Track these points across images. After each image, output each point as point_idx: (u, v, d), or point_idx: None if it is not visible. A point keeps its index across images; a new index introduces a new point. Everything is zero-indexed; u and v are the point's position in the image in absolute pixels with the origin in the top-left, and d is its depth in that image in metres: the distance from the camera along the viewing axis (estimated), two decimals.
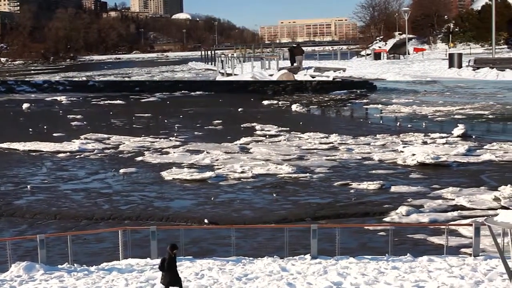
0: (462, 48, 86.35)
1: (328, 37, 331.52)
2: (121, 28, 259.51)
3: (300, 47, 59.02)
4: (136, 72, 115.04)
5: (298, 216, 24.58)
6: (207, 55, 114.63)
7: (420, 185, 29.23)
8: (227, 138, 45.14)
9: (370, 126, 52.76)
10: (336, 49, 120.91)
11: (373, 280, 15.82)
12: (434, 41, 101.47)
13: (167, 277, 14.59)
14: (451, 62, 47.84)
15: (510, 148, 38.46)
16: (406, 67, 56.06)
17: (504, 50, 78.70)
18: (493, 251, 17.33)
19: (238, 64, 65.98)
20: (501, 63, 44.01)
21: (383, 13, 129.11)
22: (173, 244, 14.85)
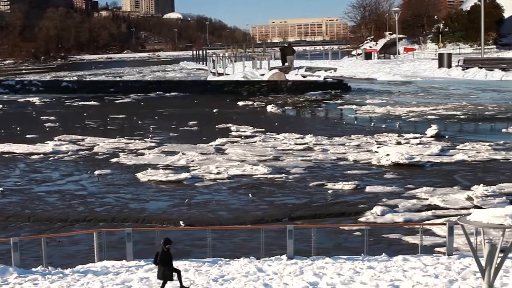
0: (451, 48, 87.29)
1: (319, 37, 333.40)
2: (112, 27, 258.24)
3: (291, 47, 59.44)
4: (127, 71, 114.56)
5: (274, 217, 24.65)
6: (199, 55, 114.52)
7: (395, 185, 29.48)
8: (203, 139, 45.02)
9: (345, 127, 53.01)
10: (327, 49, 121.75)
11: (349, 280, 15.94)
12: (424, 41, 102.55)
13: (161, 271, 14.99)
14: (440, 62, 48.36)
15: (482, 148, 38.93)
16: (396, 66, 56.60)
17: (492, 50, 79.71)
18: (467, 250, 17.58)
19: (230, 64, 66.03)
20: (490, 63, 44.64)
21: (374, 13, 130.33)
22: (166, 239, 15.16)
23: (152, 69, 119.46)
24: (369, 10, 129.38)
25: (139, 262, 18.01)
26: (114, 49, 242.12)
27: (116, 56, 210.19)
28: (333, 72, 51.89)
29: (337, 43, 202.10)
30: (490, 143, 40.51)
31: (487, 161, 35.05)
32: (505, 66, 42.98)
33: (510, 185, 28.31)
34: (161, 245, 15.10)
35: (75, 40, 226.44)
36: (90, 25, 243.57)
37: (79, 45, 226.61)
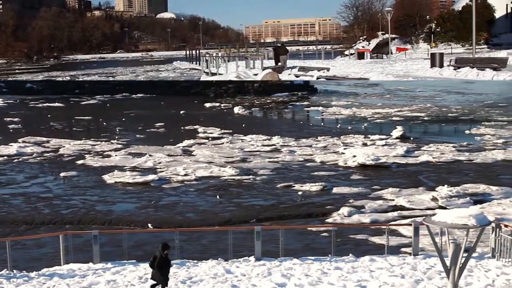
0: (443, 48, 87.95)
1: (312, 36, 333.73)
2: (105, 27, 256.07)
3: (284, 47, 59.43)
4: (121, 71, 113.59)
5: (242, 218, 24.69)
6: (192, 55, 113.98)
7: (361, 186, 29.77)
8: (170, 141, 44.89)
9: (312, 128, 53.36)
10: (320, 48, 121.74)
11: (317, 281, 16.03)
12: (416, 41, 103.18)
13: (157, 275, 14.96)
14: (433, 62, 48.76)
15: (446, 149, 39.52)
16: (389, 66, 56.97)
17: (484, 50, 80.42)
18: (432, 250, 17.82)
19: (223, 64, 65.92)
20: (481, 63, 45.08)
21: (367, 13, 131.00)
22: (164, 244, 15.14)
23: (145, 69, 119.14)
24: (362, 10, 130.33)
25: (106, 265, 17.88)
26: (107, 49, 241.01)
27: (109, 56, 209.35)
28: (326, 71, 52.03)
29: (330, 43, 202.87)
30: (454, 144, 41.17)
31: (451, 162, 35.60)
32: (496, 66, 43.62)
33: (473, 185, 28.78)
34: (159, 251, 15.11)
35: (68, 40, 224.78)
36: (83, 25, 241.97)
37: (72, 45, 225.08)
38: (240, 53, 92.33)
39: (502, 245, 16.93)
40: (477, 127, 49.35)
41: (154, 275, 15.13)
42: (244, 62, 61.88)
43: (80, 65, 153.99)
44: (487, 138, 43.99)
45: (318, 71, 52.82)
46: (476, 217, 10.68)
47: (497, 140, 42.88)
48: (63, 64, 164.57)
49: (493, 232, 17.24)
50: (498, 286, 15.22)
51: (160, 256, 14.88)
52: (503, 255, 16.91)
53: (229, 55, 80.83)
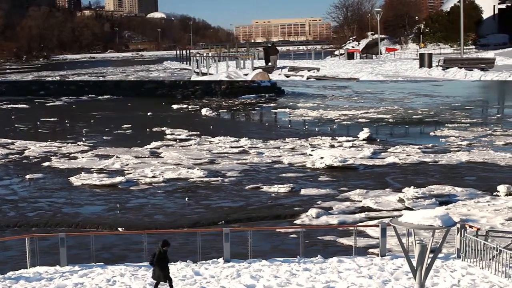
0: (432, 48, 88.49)
1: (302, 37, 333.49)
2: (96, 27, 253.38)
3: (274, 47, 59.41)
4: (111, 71, 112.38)
5: (211, 220, 24.70)
6: (182, 55, 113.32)
7: (329, 187, 29.99)
8: (137, 143, 44.64)
9: (279, 130, 53.52)
10: (310, 48, 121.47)
11: (286, 282, 16.12)
12: (405, 41, 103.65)
13: (156, 271, 15.17)
14: (421, 62, 49.13)
15: (412, 151, 40.02)
16: (378, 66, 57.27)
17: (472, 50, 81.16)
18: (399, 250, 18.05)
19: (213, 64, 65.72)
20: (469, 63, 45.53)
21: (356, 13, 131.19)
22: (165, 240, 15.39)
23: (135, 68, 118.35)
24: (352, 10, 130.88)
25: (74, 268, 17.73)
26: (97, 48, 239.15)
27: (99, 56, 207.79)
28: (316, 71, 52.17)
29: (320, 43, 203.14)
30: (420, 146, 41.73)
31: (417, 164, 36.05)
32: (483, 66, 44.18)
33: (439, 187, 29.21)
34: (158, 246, 15.25)
35: (58, 39, 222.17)
36: (73, 25, 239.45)
37: (61, 44, 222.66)
38: (230, 53, 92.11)
39: (467, 245, 17.23)
40: (441, 129, 50.08)
41: (154, 271, 15.30)
42: (235, 62, 61.91)
43: (71, 64, 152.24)
44: (452, 140, 44.67)
45: (308, 71, 52.98)
46: (442, 218, 10.85)
47: (462, 142, 43.58)
48: (53, 64, 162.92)
49: (458, 233, 17.53)
50: (463, 286, 15.48)
51: (159, 252, 15.13)
52: (468, 256, 17.20)
53: (220, 55, 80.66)
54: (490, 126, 51.92)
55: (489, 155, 38.10)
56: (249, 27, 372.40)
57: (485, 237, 16.98)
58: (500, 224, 22.96)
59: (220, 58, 72.26)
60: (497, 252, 16.08)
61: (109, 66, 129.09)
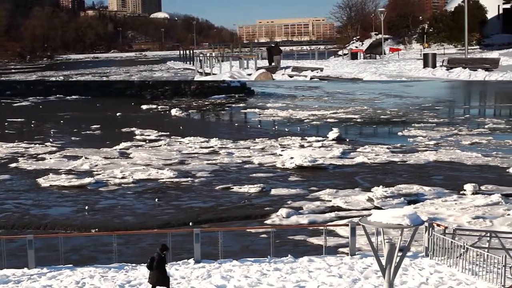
0: (436, 48, 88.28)
1: (306, 37, 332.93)
2: (99, 27, 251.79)
3: (278, 47, 59.16)
4: (114, 71, 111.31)
5: (181, 221, 24.64)
6: (186, 55, 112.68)
7: (299, 187, 30.12)
8: (106, 143, 44.31)
9: (249, 130, 53.59)
10: (313, 48, 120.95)
11: (256, 282, 16.15)
12: (409, 41, 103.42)
13: (155, 276, 14.97)
14: (425, 62, 49.08)
15: (381, 150, 40.39)
16: (382, 66, 57.22)
17: (476, 50, 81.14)
18: (368, 249, 18.20)
19: (217, 64, 65.38)
20: (473, 63, 45.59)
21: (360, 13, 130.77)
22: (164, 245, 15.30)
23: (139, 68, 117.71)
24: (355, 10, 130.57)
25: (42, 270, 17.53)
26: (100, 48, 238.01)
27: (103, 56, 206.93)
28: (319, 72, 52.07)
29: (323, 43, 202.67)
30: (388, 146, 42.14)
31: (385, 163, 36.40)
32: (488, 66, 44.27)
33: (407, 186, 29.54)
34: (157, 251, 15.16)
35: (61, 39, 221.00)
36: (76, 25, 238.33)
37: (65, 44, 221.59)
38: (234, 53, 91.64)
39: (435, 244, 17.44)
40: (409, 129, 50.61)
41: (151, 276, 15.13)
42: (238, 62, 61.79)
43: (74, 64, 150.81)
44: (420, 140, 45.19)
45: (312, 71, 52.92)
46: (410, 217, 10.97)
47: (429, 142, 44.11)
48: (57, 64, 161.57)
49: (426, 232, 17.74)
50: (431, 284, 15.68)
51: (158, 257, 15.00)
52: (436, 254, 17.42)
53: (223, 55, 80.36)
54: (456, 126, 52.64)
55: (456, 155, 38.64)
56: (252, 27, 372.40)
57: (452, 236, 17.21)
58: (467, 222, 23.32)
59: (224, 58, 72.08)
60: (464, 250, 16.32)
61: (112, 66, 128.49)
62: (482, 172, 33.49)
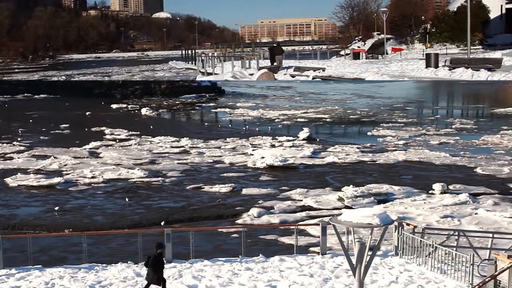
0: (438, 48, 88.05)
1: (308, 36, 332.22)
2: (101, 26, 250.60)
3: (280, 47, 58.95)
4: (116, 71, 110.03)
5: (152, 221, 24.53)
6: (188, 54, 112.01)
7: (270, 187, 30.20)
8: (76, 143, 43.90)
9: (220, 130, 53.55)
10: (315, 48, 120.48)
11: (228, 282, 16.15)
12: (411, 41, 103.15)
13: (150, 274, 15.00)
14: (428, 62, 48.99)
15: (351, 150, 40.68)
16: (384, 66, 57.10)
17: (479, 50, 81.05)
18: (339, 249, 18.31)
19: (219, 64, 64.89)
20: (476, 63, 45.63)
21: (362, 13, 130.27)
22: (159, 243, 15.30)
23: (141, 68, 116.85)
24: (357, 10, 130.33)
25: (10, 271, 17.30)
26: (102, 48, 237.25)
27: (105, 56, 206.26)
28: (321, 72, 51.93)
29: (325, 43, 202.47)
30: (358, 146, 42.46)
31: (355, 163, 36.67)
32: (491, 66, 44.38)
33: (377, 185, 29.80)
34: (154, 249, 15.17)
35: (64, 39, 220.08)
36: (78, 24, 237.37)
37: (67, 44, 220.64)
38: (235, 53, 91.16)
39: (404, 243, 17.62)
40: (378, 129, 51.02)
41: (148, 274, 15.15)
42: (240, 62, 61.59)
43: (77, 64, 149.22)
44: (389, 140, 45.60)
45: (314, 71, 52.84)
46: (380, 216, 11.06)
47: (398, 142, 44.54)
48: (60, 64, 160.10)
49: (396, 231, 17.92)
50: (401, 282, 15.85)
51: (154, 255, 14.99)
52: (406, 253, 17.61)
53: (225, 55, 79.94)
54: (424, 126, 53.23)
55: (425, 154, 39.09)
56: (254, 27, 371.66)
57: (421, 235, 17.41)
58: (436, 221, 23.62)
59: (226, 58, 71.82)
60: (433, 249, 16.52)
61: (114, 66, 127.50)
62: (450, 171, 33.95)
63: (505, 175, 32.45)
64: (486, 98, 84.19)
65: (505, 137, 45.87)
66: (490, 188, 29.46)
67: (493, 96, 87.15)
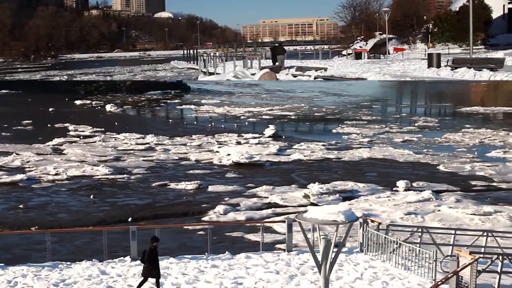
0: (440, 48, 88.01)
1: (309, 36, 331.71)
2: (103, 26, 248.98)
3: (281, 47, 58.62)
4: (118, 70, 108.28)
5: (117, 218, 24.36)
6: (190, 54, 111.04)
7: (236, 184, 30.21)
8: (39, 139, 43.34)
9: (186, 127, 53.40)
10: (317, 48, 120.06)
11: (194, 279, 16.12)
12: (413, 41, 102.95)
13: (146, 269, 14.88)
14: (430, 62, 48.87)
15: (316, 147, 40.92)
16: (386, 66, 56.91)
17: (481, 50, 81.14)
18: (305, 246, 18.43)
19: (220, 63, 64.22)
20: (478, 63, 45.64)
21: (364, 13, 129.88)
22: (154, 237, 15.08)
23: (143, 68, 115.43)
24: (359, 10, 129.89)
25: None
26: (104, 48, 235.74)
27: (107, 55, 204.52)
28: (323, 71, 51.70)
29: (327, 43, 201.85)
30: (324, 143, 42.73)
31: (321, 160, 36.90)
32: (493, 66, 44.45)
33: (342, 183, 30.03)
34: (149, 243, 14.97)
35: (65, 39, 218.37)
36: (80, 24, 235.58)
37: (69, 44, 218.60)
38: (237, 53, 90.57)
39: (369, 239, 17.81)
40: (342, 126, 51.41)
41: (143, 269, 15.03)
42: (242, 61, 61.26)
43: (80, 64, 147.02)
44: (354, 137, 45.99)
45: (316, 71, 52.68)
46: (345, 213, 11.15)
47: (363, 139, 44.95)
48: (63, 63, 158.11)
49: (361, 228, 18.10)
50: (366, 279, 16.02)
51: (149, 249, 14.85)
52: (370, 249, 17.80)
53: (227, 55, 79.37)
54: (388, 123, 53.80)
55: (389, 152, 39.52)
56: (256, 26, 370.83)
57: (385, 231, 17.61)
58: (400, 218, 23.91)
59: (227, 58, 71.37)
60: (397, 246, 16.73)
61: (116, 66, 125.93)
62: (413, 169, 34.40)
63: (467, 173, 33.00)
64: (453, 97, 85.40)
65: (466, 135, 46.62)
66: (453, 185, 29.94)
67: (461, 95, 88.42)
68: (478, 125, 52.17)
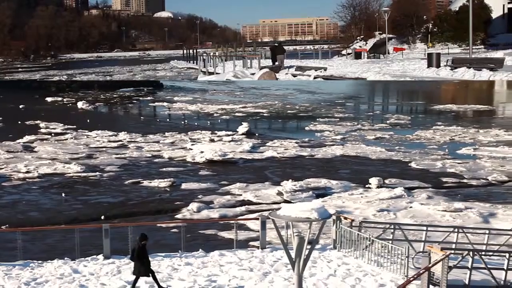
0: (440, 48, 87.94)
1: (309, 36, 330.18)
2: (103, 26, 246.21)
3: (281, 46, 58.16)
4: (118, 70, 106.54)
5: (89, 216, 24.18)
6: (189, 54, 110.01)
7: (210, 181, 30.17)
8: (9, 137, 42.82)
9: (159, 124, 53.17)
10: (317, 48, 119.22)
11: (167, 277, 16.05)
12: (413, 41, 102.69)
13: (136, 268, 14.77)
14: (429, 62, 48.82)
15: (289, 145, 41.05)
16: (386, 66, 56.72)
17: (481, 50, 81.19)
18: (278, 243, 18.48)
19: (220, 63, 63.57)
20: (478, 63, 45.66)
21: (364, 13, 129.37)
22: (142, 234, 14.86)
23: (142, 68, 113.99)
24: (359, 9, 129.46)
25: None
26: (104, 48, 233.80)
27: (106, 55, 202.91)
28: (323, 71, 51.44)
29: (327, 43, 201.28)
30: (297, 140, 42.89)
31: (294, 158, 37.03)
32: (492, 66, 44.44)
33: (315, 180, 30.16)
34: (137, 241, 14.79)
35: (65, 38, 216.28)
36: (80, 24, 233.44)
37: (69, 43, 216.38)
38: (237, 53, 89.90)
39: (342, 236, 17.90)
40: (315, 124, 51.64)
41: (134, 268, 14.91)
42: (241, 61, 60.89)
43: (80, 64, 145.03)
44: (326, 135, 46.22)
45: (315, 71, 52.38)
46: (318, 211, 11.19)
47: (336, 136, 45.21)
48: (63, 63, 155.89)
49: (334, 225, 18.19)
50: (339, 275, 16.10)
51: (138, 247, 14.71)
52: (344, 246, 17.90)
53: (226, 55, 78.75)
54: (360, 121, 54.18)
55: (361, 149, 39.80)
56: (256, 26, 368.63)
57: (358, 228, 17.72)
58: (372, 215, 24.09)
59: (227, 58, 70.90)
60: (370, 242, 16.85)
61: (116, 65, 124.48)
62: (386, 166, 34.68)
63: (438, 169, 33.38)
64: (427, 95, 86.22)
65: (437, 132, 47.16)
66: (424, 182, 30.26)
67: (435, 93, 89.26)
68: (450, 122, 52.78)
